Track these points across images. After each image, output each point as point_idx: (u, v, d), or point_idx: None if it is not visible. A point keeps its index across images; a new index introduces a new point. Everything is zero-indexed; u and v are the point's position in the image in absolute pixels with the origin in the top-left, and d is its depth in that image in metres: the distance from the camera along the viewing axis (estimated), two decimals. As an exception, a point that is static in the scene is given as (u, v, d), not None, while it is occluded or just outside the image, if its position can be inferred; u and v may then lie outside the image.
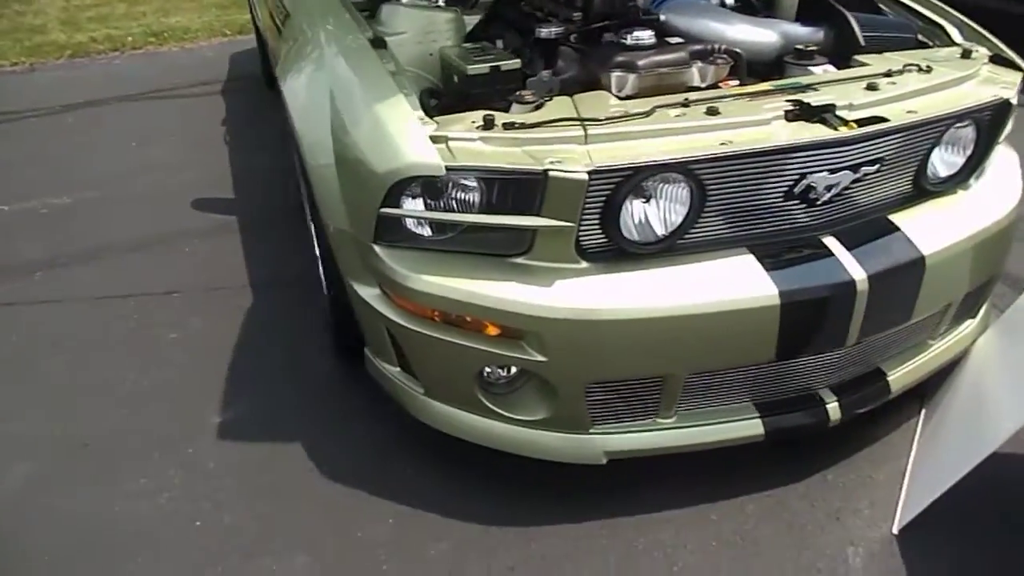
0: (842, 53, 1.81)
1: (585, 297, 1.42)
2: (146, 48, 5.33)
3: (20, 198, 3.27)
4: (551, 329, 1.42)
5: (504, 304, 1.43)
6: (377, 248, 1.53)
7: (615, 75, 1.59)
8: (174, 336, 2.33)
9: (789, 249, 1.51)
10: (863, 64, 1.72)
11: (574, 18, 1.88)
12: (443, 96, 1.72)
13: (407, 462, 1.80)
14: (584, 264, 1.45)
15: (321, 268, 2.07)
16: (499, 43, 1.91)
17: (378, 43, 1.71)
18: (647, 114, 1.45)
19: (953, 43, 1.86)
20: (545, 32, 1.78)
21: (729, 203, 1.45)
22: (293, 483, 1.77)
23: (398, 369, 1.70)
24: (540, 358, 1.45)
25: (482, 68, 1.60)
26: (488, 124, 1.44)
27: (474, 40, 1.96)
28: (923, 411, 1.87)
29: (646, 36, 1.63)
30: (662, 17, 1.76)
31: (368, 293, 1.62)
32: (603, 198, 1.39)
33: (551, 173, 1.34)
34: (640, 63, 1.58)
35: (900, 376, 1.71)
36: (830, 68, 1.75)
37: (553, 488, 1.68)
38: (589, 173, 1.33)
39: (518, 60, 1.64)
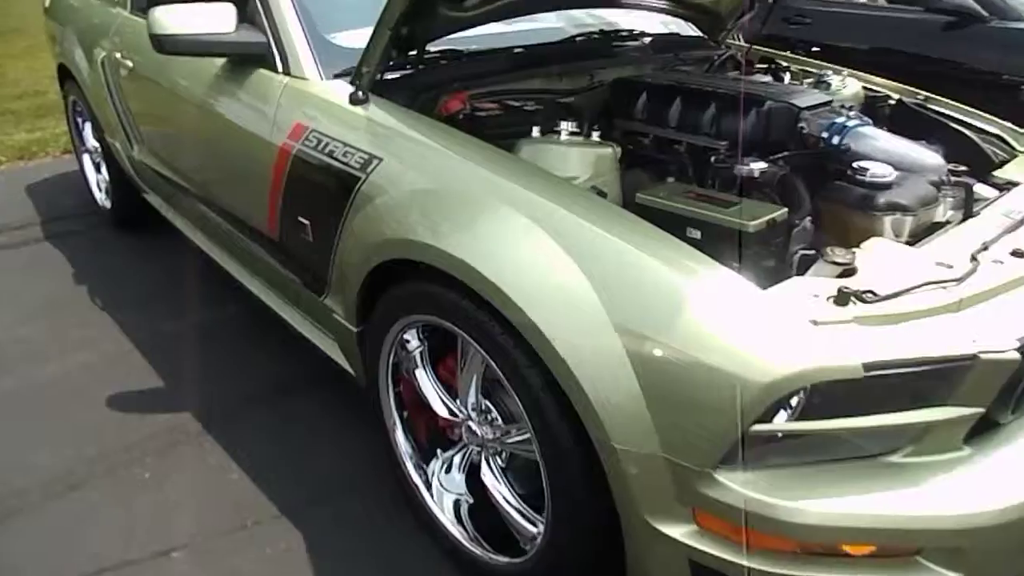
0: (977, 170, 1.81)
1: (1000, 491, 1.18)
2: None
3: None
4: (973, 539, 1.16)
5: (910, 521, 1.15)
6: (720, 476, 1.16)
7: (890, 218, 1.41)
8: (221, 623, 1.60)
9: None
10: (1013, 181, 1.74)
11: (720, 146, 1.68)
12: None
13: None
14: (967, 450, 1.22)
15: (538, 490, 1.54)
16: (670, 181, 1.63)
17: (602, 194, 1.35)
18: (974, 269, 1.29)
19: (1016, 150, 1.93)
20: (747, 170, 1.54)
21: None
22: None
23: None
24: (951, 575, 1.18)
25: (761, 224, 1.32)
26: (843, 299, 1.17)
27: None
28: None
29: (887, 172, 1.48)
30: (852, 147, 1.62)
31: (679, 531, 1.22)
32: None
33: (983, 356, 1.11)
34: (911, 203, 1.43)
35: None
36: (985, 187, 1.74)
37: None
38: (1018, 349, 1.13)
39: (785, 209, 1.38)
